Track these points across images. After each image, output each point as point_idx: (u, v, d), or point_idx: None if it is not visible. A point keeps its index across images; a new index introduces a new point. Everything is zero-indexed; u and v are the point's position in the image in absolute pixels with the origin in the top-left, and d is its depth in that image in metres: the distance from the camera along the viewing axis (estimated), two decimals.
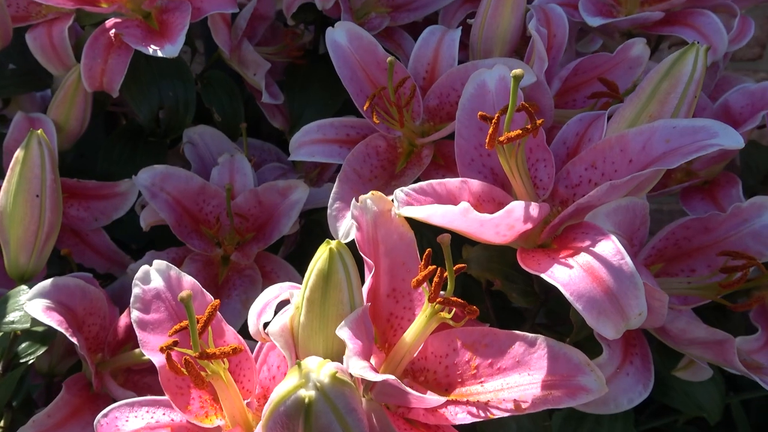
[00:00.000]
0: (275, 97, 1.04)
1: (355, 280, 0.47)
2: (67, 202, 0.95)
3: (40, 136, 0.70)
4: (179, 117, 1.03)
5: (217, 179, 0.91)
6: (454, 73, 0.73)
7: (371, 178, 0.73)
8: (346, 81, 0.76)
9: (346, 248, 0.48)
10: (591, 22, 0.77)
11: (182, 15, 0.82)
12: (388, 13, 1.10)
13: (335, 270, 0.46)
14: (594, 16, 0.78)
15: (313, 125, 0.79)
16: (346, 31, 0.77)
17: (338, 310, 0.46)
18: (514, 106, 0.52)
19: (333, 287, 0.45)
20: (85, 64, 0.85)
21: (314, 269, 0.46)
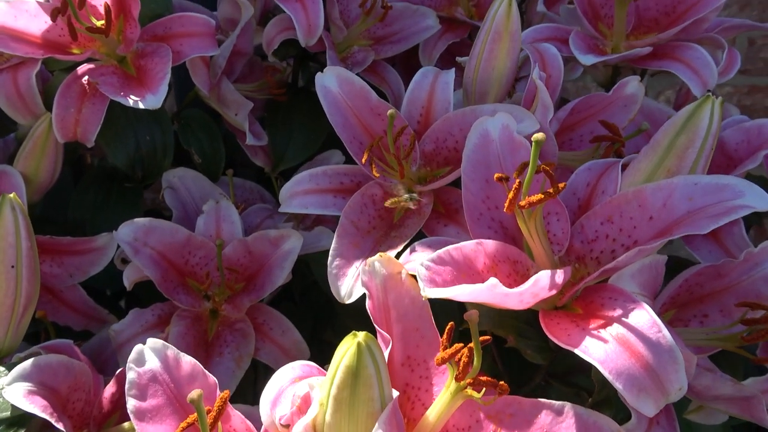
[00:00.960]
0: (259, 138, 1.01)
1: (385, 373, 0.44)
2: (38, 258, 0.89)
3: (13, 200, 0.65)
4: (157, 161, 0.98)
5: (203, 229, 0.87)
6: (451, 118, 0.71)
7: (369, 229, 0.70)
8: (338, 128, 0.73)
9: (374, 340, 0.45)
10: (584, 60, 0.76)
11: (162, 61, 0.78)
12: (371, 46, 1.08)
13: (364, 366, 0.42)
14: (585, 54, 0.77)
15: (305, 175, 0.75)
16: (336, 77, 0.74)
17: (368, 408, 0.42)
18: (534, 168, 0.50)
19: (362, 384, 0.42)
20: (57, 114, 0.80)
21: (340, 365, 0.43)
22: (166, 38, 0.83)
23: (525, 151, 0.59)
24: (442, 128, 0.72)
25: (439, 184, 0.69)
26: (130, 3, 0.78)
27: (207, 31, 0.84)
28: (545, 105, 0.63)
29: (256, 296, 0.84)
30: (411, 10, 1.09)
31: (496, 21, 0.70)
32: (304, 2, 0.93)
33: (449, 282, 0.49)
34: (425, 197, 0.71)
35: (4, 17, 0.75)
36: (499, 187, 0.60)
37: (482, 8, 1.14)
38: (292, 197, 0.74)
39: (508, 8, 0.70)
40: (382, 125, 0.74)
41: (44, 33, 0.78)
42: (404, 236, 0.68)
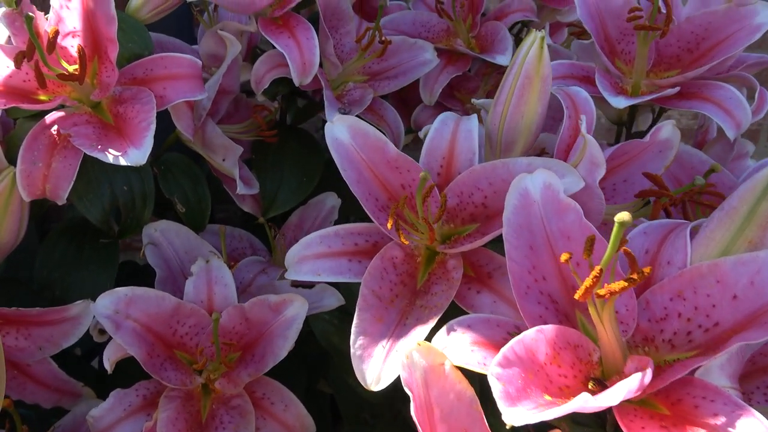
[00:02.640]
0: (250, 185, 0.92)
1: None
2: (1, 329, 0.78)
3: None
4: (136, 213, 0.88)
5: (192, 294, 0.77)
6: (478, 172, 0.63)
7: (392, 298, 0.62)
8: (352, 184, 0.65)
9: None
10: (615, 103, 0.70)
11: (144, 108, 0.69)
12: (366, 81, 1.01)
13: None
14: (616, 96, 0.71)
15: (315, 237, 0.67)
16: (348, 127, 0.66)
17: None
18: (613, 253, 0.43)
19: None
20: (23, 170, 0.70)
21: None
22: (147, 81, 0.74)
23: (574, 214, 0.52)
24: (467, 182, 0.64)
25: (470, 247, 0.61)
26: (106, 44, 0.69)
27: (193, 72, 0.75)
28: (595, 162, 0.56)
29: (255, 370, 0.74)
30: (408, 43, 1.02)
31: (527, 65, 0.63)
32: (297, 39, 0.85)
33: (520, 390, 0.41)
34: (452, 259, 0.63)
35: None
36: (545, 254, 0.53)
37: (482, 40, 1.09)
38: (302, 262, 0.65)
39: (539, 51, 0.63)
40: (400, 179, 0.66)
41: (6, 79, 0.68)
42: (433, 306, 0.60)
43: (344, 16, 0.97)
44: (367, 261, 0.65)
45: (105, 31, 0.67)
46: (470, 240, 0.62)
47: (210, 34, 0.94)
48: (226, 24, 0.91)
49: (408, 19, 1.11)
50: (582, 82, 0.81)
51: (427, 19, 1.12)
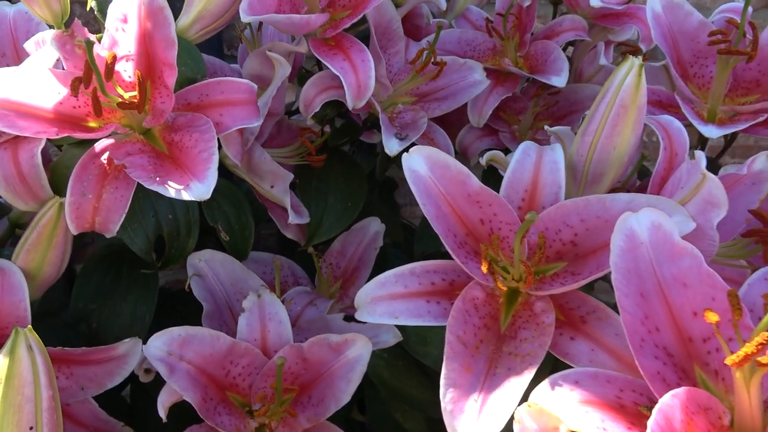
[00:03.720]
0: (301, 214, 0.87)
1: None
2: None
3: (30, 337, 0.50)
4: (180, 243, 0.84)
5: (245, 331, 0.72)
6: (568, 207, 0.59)
7: (477, 344, 0.57)
8: (431, 219, 0.61)
9: None
10: (707, 132, 0.66)
11: (204, 137, 0.64)
12: (414, 103, 0.97)
13: None
14: (706, 125, 0.67)
15: (390, 275, 0.62)
16: (425, 158, 0.62)
17: None
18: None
19: None
20: (72, 202, 0.65)
21: None
22: (202, 107, 0.70)
23: (691, 259, 0.48)
24: (554, 218, 0.60)
25: (562, 290, 0.57)
26: (162, 68, 0.65)
27: (250, 98, 0.71)
28: (714, 201, 0.52)
29: (314, 414, 0.69)
30: (457, 63, 0.98)
31: (623, 93, 0.59)
32: (352, 61, 0.81)
33: None
34: (540, 302, 0.59)
35: (9, 89, 0.61)
36: (657, 302, 0.49)
37: (531, 59, 1.05)
38: (376, 303, 0.60)
39: (637, 79, 0.59)
40: (479, 214, 0.62)
41: (56, 106, 0.64)
42: (525, 355, 0.55)
43: (394, 35, 0.93)
44: (445, 302, 0.61)
45: (163, 55, 0.63)
46: (561, 282, 0.57)
47: (256, 55, 0.90)
48: (275, 44, 0.87)
49: (453, 38, 1.07)
50: (654, 106, 0.77)
51: (473, 37, 1.09)
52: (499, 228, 0.61)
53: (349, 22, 0.82)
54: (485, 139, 1.06)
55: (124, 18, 0.62)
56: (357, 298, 0.63)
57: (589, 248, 0.57)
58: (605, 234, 0.52)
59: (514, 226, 0.61)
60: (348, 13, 0.86)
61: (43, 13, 0.67)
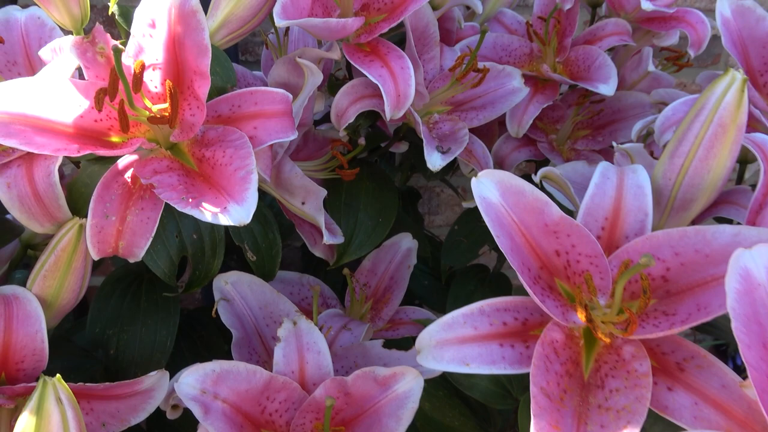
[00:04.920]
0: (334, 233, 0.81)
1: None
2: None
3: (60, 388, 0.44)
4: (205, 264, 0.78)
5: (282, 363, 0.66)
6: (659, 239, 0.52)
7: (561, 395, 0.50)
8: (506, 252, 0.54)
9: None
10: None
11: (239, 153, 0.58)
12: (450, 112, 0.91)
13: None
14: None
15: (458, 315, 0.55)
16: (496, 184, 0.55)
17: None
18: None
19: None
20: (94, 224, 0.59)
21: None
22: (233, 120, 0.64)
23: None
24: (642, 250, 0.53)
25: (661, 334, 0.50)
26: (192, 77, 0.59)
27: (285, 109, 0.65)
28: None
29: None
30: (496, 69, 0.92)
31: (722, 111, 0.53)
32: (391, 68, 0.75)
33: None
34: (628, 346, 0.52)
35: (24, 102, 0.55)
36: None
37: (571, 65, 0.99)
38: (443, 348, 0.53)
39: (739, 96, 0.52)
40: (555, 245, 0.55)
41: (77, 120, 0.58)
42: (620, 409, 0.48)
43: (430, 40, 0.88)
44: (520, 345, 0.54)
45: (194, 63, 0.58)
46: (654, 324, 0.51)
47: (283, 62, 0.84)
48: (306, 51, 0.81)
49: (488, 43, 1.02)
50: None
51: (508, 42, 1.03)
52: (578, 261, 0.55)
53: (386, 27, 0.77)
54: (523, 149, 1.01)
55: (152, 23, 0.56)
56: (419, 340, 0.55)
57: (684, 285, 0.51)
58: (705, 270, 0.46)
59: (596, 259, 0.55)
60: (383, 16, 0.80)
61: (61, 18, 0.61)
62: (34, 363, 0.65)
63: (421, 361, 0.55)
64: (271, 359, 0.78)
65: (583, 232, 0.55)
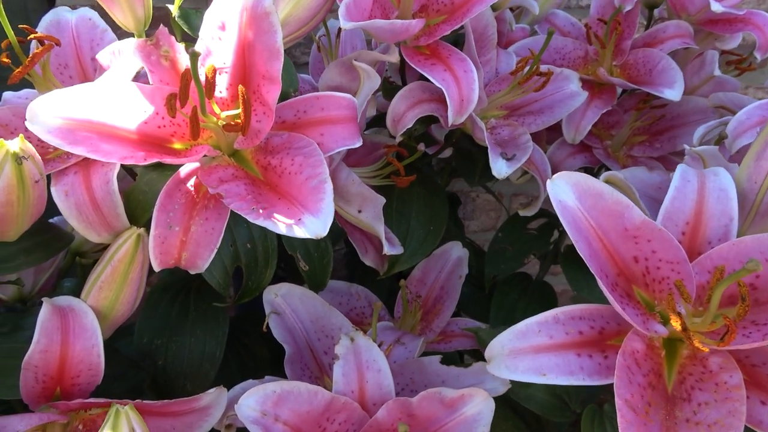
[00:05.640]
0: (393, 243, 0.78)
1: None
2: None
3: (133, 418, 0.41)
4: (258, 274, 0.75)
5: (341, 382, 0.63)
6: (748, 244, 0.50)
7: (646, 408, 0.48)
8: (585, 257, 0.52)
9: None
10: None
11: (309, 162, 0.56)
12: (506, 117, 0.88)
13: None
14: None
15: (532, 324, 0.53)
16: (572, 186, 0.52)
17: None
18: None
19: None
20: (157, 235, 0.57)
21: None
22: (299, 126, 0.61)
23: None
24: (727, 255, 0.51)
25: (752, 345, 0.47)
26: (260, 82, 0.56)
27: (351, 115, 0.63)
28: None
29: None
30: (554, 73, 0.89)
31: None
32: (454, 71, 0.72)
33: None
34: (715, 357, 0.49)
35: (89, 108, 0.52)
36: None
37: (630, 68, 0.96)
38: (516, 357, 0.51)
39: None
40: (634, 251, 0.52)
41: (141, 126, 0.55)
42: (710, 424, 0.46)
43: (488, 42, 0.84)
44: (597, 355, 0.52)
45: (264, 67, 0.55)
46: (745, 334, 0.48)
47: (336, 65, 0.81)
48: (362, 53, 0.78)
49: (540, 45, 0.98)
50: None
51: (562, 44, 0.99)
52: (658, 267, 0.52)
53: (448, 29, 0.74)
54: (578, 156, 0.97)
55: (221, 25, 0.54)
56: (490, 349, 0.53)
57: None
58: None
59: (678, 266, 0.52)
60: (442, 18, 0.77)
61: (125, 20, 0.59)
62: (89, 378, 0.63)
63: (493, 371, 0.53)
64: (324, 375, 0.76)
65: (665, 237, 0.52)
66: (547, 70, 0.81)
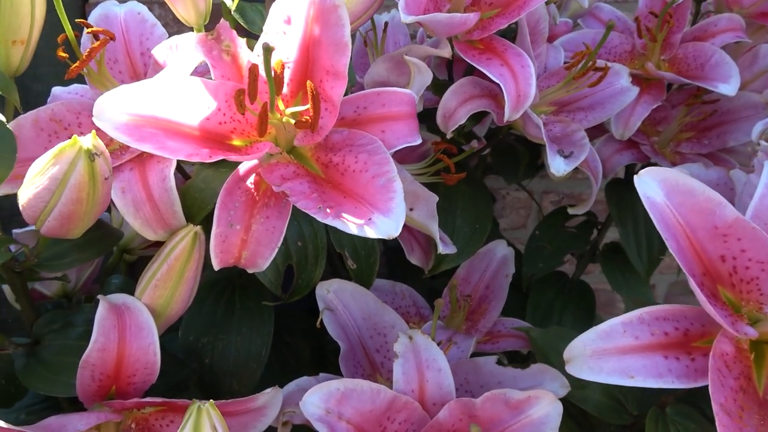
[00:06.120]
0: (447, 243, 0.77)
1: None
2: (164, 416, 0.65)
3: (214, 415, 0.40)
4: (308, 272, 0.74)
5: (402, 381, 0.62)
6: None
7: (739, 412, 0.46)
8: (676, 254, 0.50)
9: None
10: None
11: (374, 159, 0.54)
12: (555, 113, 0.86)
13: None
14: None
15: (616, 324, 0.51)
16: (660, 183, 0.51)
17: None
18: None
19: None
20: (219, 233, 0.56)
21: None
22: (359, 123, 0.60)
23: None
24: None
25: None
26: (324, 77, 0.55)
27: (410, 111, 0.61)
28: None
29: None
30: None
31: None
32: (512, 66, 0.71)
33: None
34: None
35: (154, 104, 0.51)
36: None
37: (679, 63, 0.93)
38: (601, 358, 0.50)
39: None
40: (721, 249, 0.50)
41: (203, 122, 0.54)
42: None
43: (539, 36, 0.83)
44: (684, 357, 0.50)
45: (329, 62, 0.54)
46: None
47: (384, 60, 0.80)
48: (413, 48, 0.76)
49: (587, 39, 0.96)
50: None
51: (608, 38, 0.97)
52: (747, 267, 0.50)
53: (504, 23, 0.72)
54: (625, 152, 0.95)
55: (287, 19, 0.53)
56: (571, 350, 0.52)
57: None
58: None
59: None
60: (496, 11, 0.75)
61: (187, 14, 0.58)
62: (144, 376, 0.63)
63: (575, 372, 0.51)
64: (375, 373, 0.75)
65: (758, 236, 0.50)
66: (604, 65, 0.79)
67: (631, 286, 1.19)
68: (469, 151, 0.83)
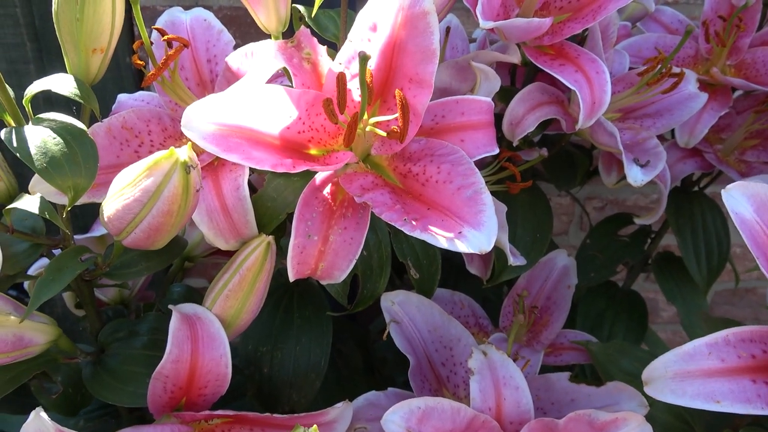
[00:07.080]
0: (516, 254, 0.75)
1: None
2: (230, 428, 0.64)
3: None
4: (373, 282, 0.73)
5: (479, 399, 0.61)
6: None
7: None
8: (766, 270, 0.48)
9: None
10: None
11: (458, 170, 0.53)
12: (621, 120, 0.84)
13: None
14: None
15: (700, 345, 0.49)
16: (749, 198, 0.49)
17: None
18: None
19: None
20: (297, 244, 0.54)
21: None
22: (437, 131, 0.58)
23: None
24: None
25: None
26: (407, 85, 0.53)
27: (489, 120, 0.59)
28: None
29: None
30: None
31: None
32: (587, 72, 0.69)
33: None
34: None
35: (238, 113, 0.50)
36: None
37: (747, 69, 0.90)
38: (684, 381, 0.48)
39: None
40: None
41: (284, 131, 0.53)
42: None
43: (608, 42, 0.80)
44: None
45: (413, 69, 0.52)
46: None
47: (448, 66, 0.78)
48: (480, 54, 0.75)
49: (650, 43, 0.94)
50: None
51: (671, 43, 0.94)
52: None
53: (578, 28, 0.70)
54: (688, 160, 0.92)
55: (373, 26, 0.51)
56: (650, 371, 0.50)
57: None
58: None
59: None
60: (566, 16, 0.73)
61: (268, 21, 0.57)
62: (215, 388, 0.61)
63: (655, 395, 0.49)
64: (442, 388, 0.73)
65: None
66: (680, 71, 0.76)
67: (685, 297, 1.16)
68: (538, 159, 0.80)
